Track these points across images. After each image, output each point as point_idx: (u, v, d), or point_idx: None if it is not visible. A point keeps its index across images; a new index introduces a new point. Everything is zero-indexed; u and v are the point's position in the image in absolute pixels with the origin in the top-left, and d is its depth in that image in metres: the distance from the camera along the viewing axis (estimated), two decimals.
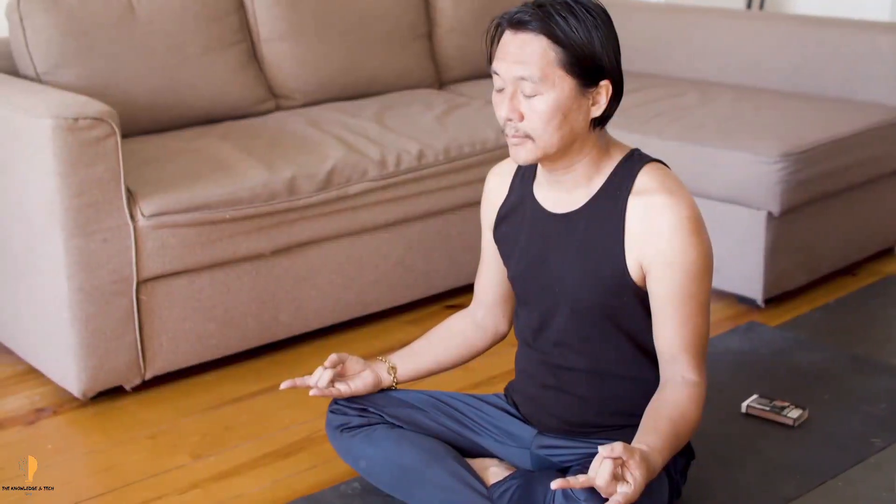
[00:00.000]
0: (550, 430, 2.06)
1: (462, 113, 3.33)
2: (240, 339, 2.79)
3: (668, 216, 1.84)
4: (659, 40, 3.93)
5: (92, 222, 2.46)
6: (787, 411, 2.45)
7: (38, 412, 2.58)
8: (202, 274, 2.68)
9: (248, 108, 3.29)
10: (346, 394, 2.13)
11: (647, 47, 3.96)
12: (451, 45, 3.83)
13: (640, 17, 4.00)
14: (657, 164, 1.93)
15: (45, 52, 2.94)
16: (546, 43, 1.80)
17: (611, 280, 1.89)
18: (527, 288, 2.03)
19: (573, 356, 1.98)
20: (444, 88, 3.82)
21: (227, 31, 3.25)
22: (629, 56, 3.95)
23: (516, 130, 1.85)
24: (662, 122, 3.23)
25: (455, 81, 3.86)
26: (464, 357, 2.23)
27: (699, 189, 3.07)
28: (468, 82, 3.84)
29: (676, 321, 1.88)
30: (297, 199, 2.75)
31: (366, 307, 3.02)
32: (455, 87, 3.80)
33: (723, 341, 2.88)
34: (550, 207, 1.97)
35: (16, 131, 2.50)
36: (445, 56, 3.84)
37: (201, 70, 3.16)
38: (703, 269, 1.87)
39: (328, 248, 2.89)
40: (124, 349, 2.58)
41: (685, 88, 3.60)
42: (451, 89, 3.79)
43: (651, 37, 3.96)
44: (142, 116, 3.08)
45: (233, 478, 2.29)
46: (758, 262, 3.01)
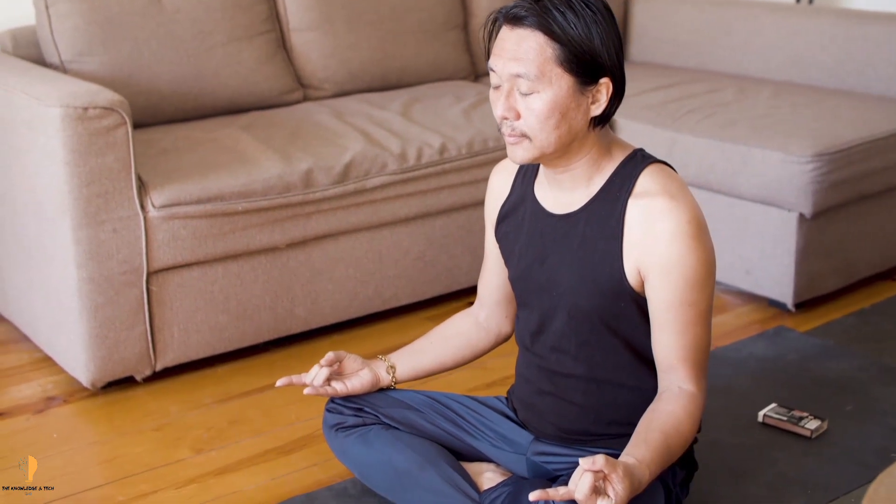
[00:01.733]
0: (547, 436, 2.00)
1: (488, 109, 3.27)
2: (254, 332, 2.77)
3: (667, 220, 1.77)
4: (702, 34, 3.83)
5: (101, 212, 2.45)
6: (805, 422, 2.36)
7: (49, 401, 2.58)
8: (215, 266, 2.66)
9: (275, 98, 3.26)
10: (342, 393, 2.09)
11: (690, 41, 3.86)
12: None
13: (684, 11, 3.90)
14: (660, 165, 1.86)
15: (70, 39, 2.94)
16: (543, 39, 1.73)
17: (608, 285, 1.83)
18: (526, 290, 1.97)
19: (570, 362, 1.92)
20: (480, 80, 3.76)
21: (255, 19, 3.22)
22: (671, 50, 3.91)
23: (512, 129, 1.79)
24: (695, 118, 3.14)
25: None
26: (465, 358, 2.18)
27: (730, 188, 2.99)
28: None
29: (675, 330, 1.81)
30: (313, 192, 2.72)
31: (385, 302, 2.98)
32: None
33: (747, 346, 2.79)
34: (550, 207, 1.91)
35: (29, 119, 2.49)
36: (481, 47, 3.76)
37: (227, 59, 3.14)
38: (703, 276, 1.79)
39: (346, 241, 2.85)
40: (134, 340, 2.57)
41: (725, 84, 3.50)
42: (487, 81, 3.73)
43: (694, 30, 3.86)
44: (165, 105, 3.06)
45: (232, 473, 2.27)
46: (788, 264, 2.92)
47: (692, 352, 1.82)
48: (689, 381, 1.82)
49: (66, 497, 2.18)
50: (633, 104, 3.31)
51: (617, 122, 3.30)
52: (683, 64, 3.87)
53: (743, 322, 2.96)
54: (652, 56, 3.99)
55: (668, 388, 1.84)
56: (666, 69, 3.81)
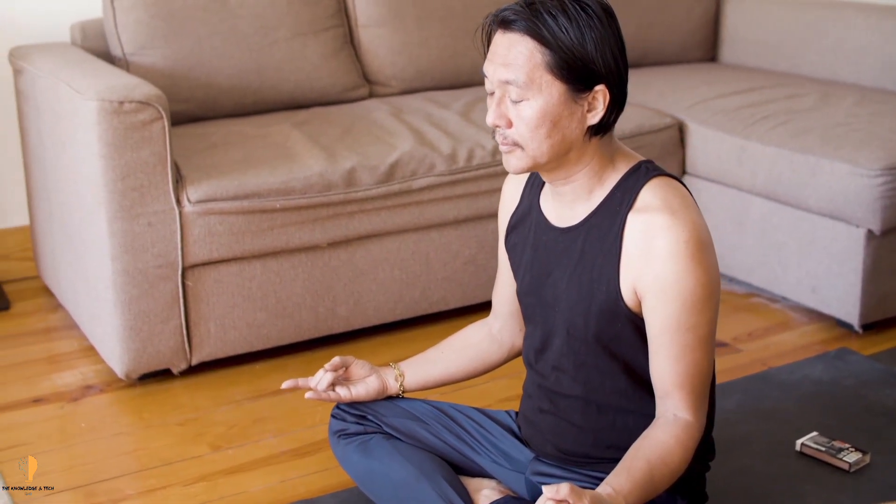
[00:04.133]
0: (547, 456, 1.92)
1: None
2: (294, 330, 2.75)
3: (665, 238, 1.67)
4: (793, 36, 3.66)
5: (137, 205, 2.47)
6: (845, 454, 2.22)
7: (86, 389, 2.62)
8: (253, 262, 2.65)
9: (339, 94, 3.24)
10: (345, 399, 2.05)
11: (780, 44, 3.69)
12: None
13: (775, 12, 3.73)
14: (666, 178, 1.75)
15: (133, 32, 2.97)
16: (533, 45, 1.65)
17: (604, 304, 1.74)
18: (530, 305, 1.90)
19: (569, 382, 1.84)
20: None
21: (321, 15, 3.21)
22: (761, 53, 3.75)
23: (504, 138, 1.72)
24: (768, 125, 2.99)
25: None
26: (477, 370, 2.11)
27: (797, 200, 2.84)
28: None
29: (671, 354, 1.71)
30: (355, 192, 2.69)
31: (432, 305, 2.93)
32: None
33: (803, 368, 2.64)
34: (553, 220, 1.83)
35: (71, 111, 2.52)
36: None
37: (290, 54, 3.13)
38: (702, 299, 1.68)
39: (391, 242, 2.81)
40: (169, 334, 2.58)
41: (809, 89, 3.33)
42: None
43: (785, 32, 3.68)
44: (225, 100, 3.08)
45: (242, 473, 2.26)
46: (855, 283, 2.75)
47: (690, 378, 1.72)
48: (685, 408, 1.72)
49: (76, 488, 2.20)
50: (706, 109, 3.18)
51: (688, 127, 3.17)
52: (773, 67, 3.70)
53: (805, 342, 2.81)
54: (742, 58, 3.83)
55: (663, 415, 1.74)
56: (753, 72, 3.65)
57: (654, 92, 3.37)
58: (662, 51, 3.80)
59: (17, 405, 2.55)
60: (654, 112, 3.20)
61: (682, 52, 3.84)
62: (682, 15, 3.80)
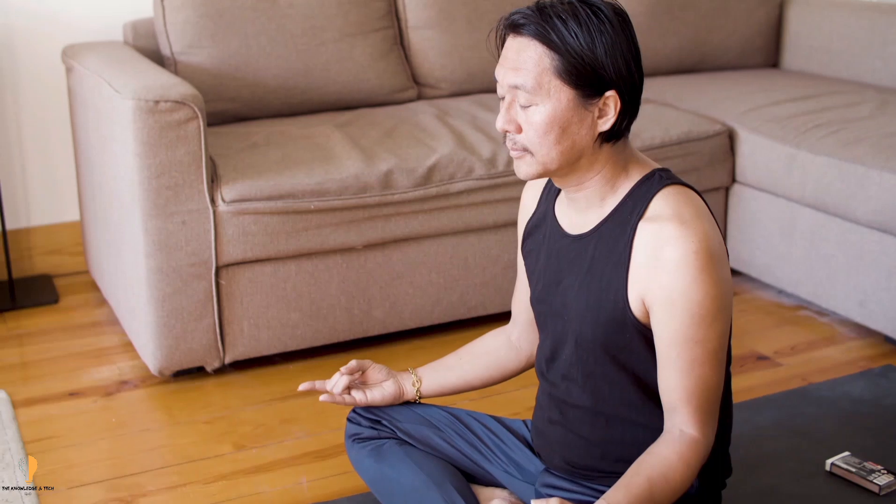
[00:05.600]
0: (556, 467, 1.89)
1: None
2: (329, 332, 2.75)
3: (674, 248, 1.62)
4: (856, 42, 3.55)
5: (171, 204, 2.49)
6: (876, 476, 2.14)
7: (122, 384, 2.65)
8: (288, 263, 2.65)
9: (386, 96, 3.23)
10: (360, 402, 2.04)
11: (843, 50, 3.59)
12: None
13: (838, 18, 3.63)
14: (679, 187, 1.70)
15: (181, 32, 3.01)
16: (542, 49, 1.62)
17: (611, 314, 1.70)
18: (542, 313, 1.87)
19: (577, 392, 1.80)
20: None
21: (371, 16, 3.21)
22: (824, 59, 3.65)
23: (514, 143, 1.69)
24: (820, 133, 2.91)
25: None
26: (494, 378, 2.08)
27: (845, 212, 2.76)
28: None
29: (679, 368, 1.66)
30: (392, 194, 2.68)
31: (470, 310, 2.91)
32: None
33: (844, 385, 2.56)
34: (567, 227, 1.80)
35: (110, 110, 2.56)
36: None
37: (338, 55, 3.14)
38: (711, 312, 1.64)
39: (429, 245, 2.80)
40: (202, 332, 2.60)
41: (868, 97, 3.23)
42: None
43: (848, 38, 3.58)
44: (271, 99, 3.09)
45: (262, 474, 2.26)
46: None
47: (697, 393, 1.67)
48: (691, 424, 1.68)
49: (98, 482, 2.22)
50: (758, 116, 3.10)
51: (738, 135, 3.11)
52: (836, 74, 3.61)
53: (849, 357, 2.73)
54: (804, 65, 3.74)
55: (669, 431, 1.69)
56: (814, 79, 3.55)
57: (708, 98, 3.31)
58: (721, 56, 3.72)
59: (53, 398, 2.59)
60: (704, 118, 3.14)
61: (742, 58, 3.75)
62: (742, 20, 3.71)
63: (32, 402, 2.57)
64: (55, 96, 3.23)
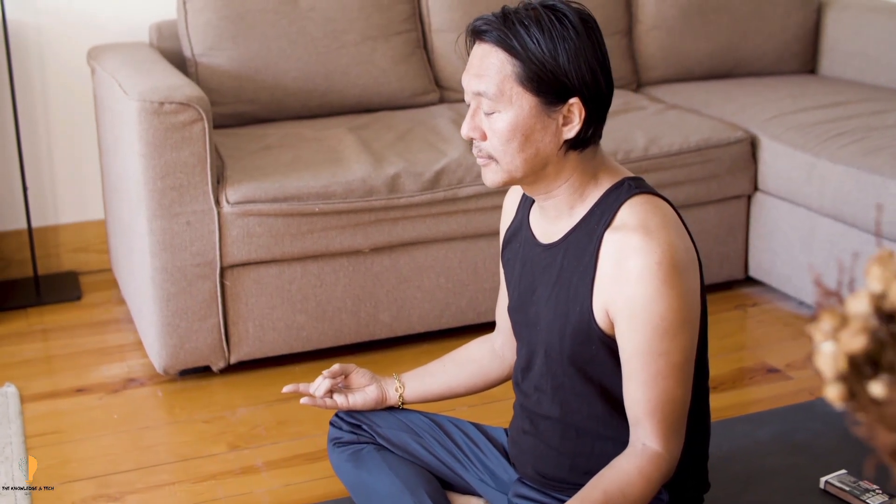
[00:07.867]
0: (528, 478, 1.87)
1: (625, 118, 3.10)
2: (335, 334, 2.76)
3: (637, 259, 1.60)
4: (893, 48, 3.46)
5: (176, 204, 2.51)
6: (870, 497, 2.08)
7: (128, 382, 2.69)
8: (293, 264, 2.66)
9: (407, 99, 3.23)
10: (342, 406, 2.04)
11: (881, 56, 3.50)
12: (652, 44, 3.57)
13: (878, 23, 3.54)
14: (648, 196, 1.67)
15: (202, 33, 3.04)
16: (503, 56, 1.61)
17: (577, 326, 1.68)
18: (517, 322, 1.85)
19: (548, 403, 1.78)
20: (641, 90, 3.57)
21: (394, 19, 3.21)
22: (861, 65, 3.56)
23: (479, 150, 1.68)
24: (841, 142, 2.84)
25: (656, 83, 3.60)
26: (477, 386, 2.07)
27: (864, 223, 2.69)
28: (670, 84, 3.57)
29: (642, 381, 1.63)
30: (398, 198, 2.67)
31: (479, 315, 2.89)
32: (653, 90, 3.55)
33: None
34: (539, 236, 1.78)
35: (119, 110, 2.59)
36: (646, 55, 3.59)
37: (358, 58, 3.14)
38: (674, 324, 1.60)
39: (438, 249, 2.79)
40: (207, 331, 2.62)
41: None
42: (647, 92, 3.55)
43: (886, 44, 3.49)
44: (291, 101, 3.11)
45: (252, 474, 2.27)
46: None
47: (660, 406, 1.64)
48: (654, 438, 1.64)
49: (89, 479, 2.25)
50: (782, 123, 3.04)
51: (760, 142, 3.05)
52: (873, 80, 3.52)
53: None
54: (841, 71, 3.65)
55: (633, 444, 1.66)
56: (850, 85, 3.47)
57: (736, 105, 3.25)
58: (756, 62, 3.65)
59: (61, 393, 2.63)
60: (726, 125, 3.08)
61: (777, 64, 3.68)
62: (778, 24, 3.64)
63: (41, 396, 2.61)
64: (82, 96, 3.28)
